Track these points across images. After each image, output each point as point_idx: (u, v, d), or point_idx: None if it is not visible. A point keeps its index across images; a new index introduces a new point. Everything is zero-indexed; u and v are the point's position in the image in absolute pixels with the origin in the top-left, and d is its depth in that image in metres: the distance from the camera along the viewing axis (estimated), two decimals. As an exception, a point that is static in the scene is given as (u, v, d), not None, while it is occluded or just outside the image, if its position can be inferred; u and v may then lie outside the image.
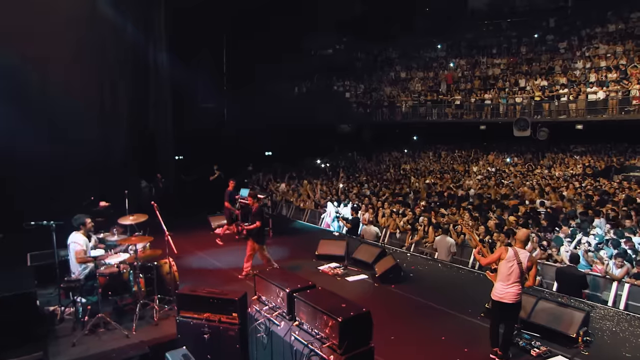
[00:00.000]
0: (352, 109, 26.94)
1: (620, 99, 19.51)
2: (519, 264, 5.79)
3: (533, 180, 18.43)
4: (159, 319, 5.91)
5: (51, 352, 5.09)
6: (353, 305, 3.56)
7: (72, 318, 5.84)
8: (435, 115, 24.89)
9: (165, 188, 14.10)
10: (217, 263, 9.93)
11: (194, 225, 12.67)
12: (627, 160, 22.47)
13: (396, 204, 13.59)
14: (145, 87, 13.77)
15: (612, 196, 14.65)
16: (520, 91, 22.97)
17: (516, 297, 5.83)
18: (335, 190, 16.69)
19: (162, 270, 6.40)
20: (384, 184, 18.43)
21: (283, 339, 3.80)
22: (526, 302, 6.66)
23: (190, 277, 7.53)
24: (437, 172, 22.70)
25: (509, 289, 5.83)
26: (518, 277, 5.80)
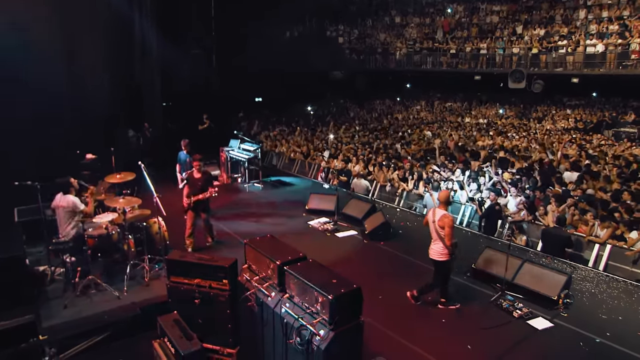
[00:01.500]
0: (345, 55, 26.20)
1: (619, 53, 19.13)
2: (433, 222, 6.14)
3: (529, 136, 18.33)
4: (150, 279, 5.97)
5: (43, 314, 5.15)
6: (344, 281, 3.58)
7: (63, 279, 5.87)
8: (430, 64, 24.31)
9: (153, 137, 13.85)
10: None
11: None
12: (620, 116, 22.50)
13: (389, 157, 13.56)
14: (130, 37, 13.16)
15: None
16: (517, 41, 22.40)
17: (438, 255, 6.18)
18: (326, 142, 16.54)
19: (151, 230, 6.38)
20: (376, 135, 18.27)
21: (273, 310, 3.85)
22: (512, 264, 6.84)
23: (180, 237, 7.53)
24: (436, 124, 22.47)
25: (431, 246, 6.29)
26: (436, 236, 6.14)
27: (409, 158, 13.62)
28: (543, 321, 6.02)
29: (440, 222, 6.05)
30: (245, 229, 9.13)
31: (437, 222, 6.08)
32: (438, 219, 6.08)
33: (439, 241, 6.13)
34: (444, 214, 6.10)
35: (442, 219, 6.05)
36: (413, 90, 28.04)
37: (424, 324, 6.08)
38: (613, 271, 8.17)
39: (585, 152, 14.72)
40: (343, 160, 13.55)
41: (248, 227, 9.23)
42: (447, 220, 6.03)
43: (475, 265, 7.31)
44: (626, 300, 6.69)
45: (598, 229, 8.65)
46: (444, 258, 6.16)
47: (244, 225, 9.35)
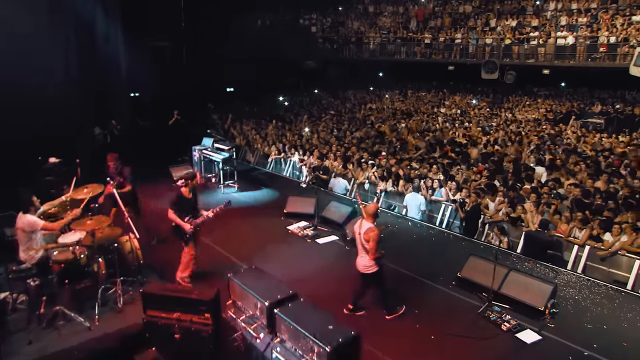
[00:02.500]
0: (318, 45, 25.68)
1: (588, 45, 19.38)
2: (359, 235, 5.90)
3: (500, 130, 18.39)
4: (123, 304, 5.55)
5: (4, 351, 4.67)
6: (340, 329, 3.31)
7: (26, 308, 5.38)
8: (404, 53, 24.12)
9: (122, 135, 13.16)
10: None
11: (154, 178, 11.97)
12: (587, 107, 22.93)
13: (365, 153, 13.30)
14: (91, 28, 12.34)
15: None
16: (490, 32, 22.42)
17: (365, 268, 5.93)
18: (300, 137, 16.12)
19: (123, 250, 5.93)
20: (351, 129, 17.98)
21: (263, 354, 3.56)
22: (497, 272, 6.74)
23: (156, 255, 7.08)
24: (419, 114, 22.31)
25: (358, 260, 6.04)
26: (362, 249, 5.91)
27: (384, 153, 13.42)
28: (531, 334, 5.95)
29: (365, 235, 5.79)
30: (221, 236, 8.74)
31: (363, 235, 5.81)
32: (364, 232, 5.81)
33: (365, 254, 5.89)
34: (370, 227, 5.82)
35: (368, 232, 5.78)
36: (386, 80, 27.81)
37: (411, 339, 5.90)
38: (591, 272, 8.28)
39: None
40: (319, 158, 13.20)
41: (224, 235, 8.83)
42: (373, 234, 5.76)
43: (461, 274, 7.18)
44: (609, 307, 6.70)
45: (576, 230, 8.70)
46: (372, 270, 5.92)
47: (219, 233, 8.94)
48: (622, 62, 18.45)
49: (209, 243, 8.52)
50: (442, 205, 10.49)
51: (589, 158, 13.03)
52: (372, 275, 5.94)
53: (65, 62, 10.59)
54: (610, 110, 21.79)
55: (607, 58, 19.04)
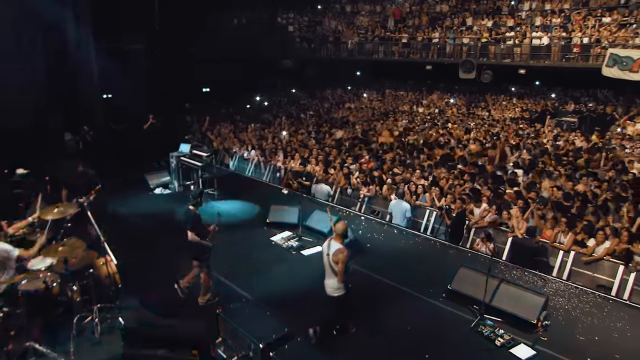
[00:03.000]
0: (295, 44, 25.32)
1: (562, 46, 19.63)
2: (327, 255, 5.52)
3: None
4: (101, 334, 5.16)
5: (-32, 395, 4.28)
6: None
7: (-8, 343, 4.94)
8: (382, 53, 23.99)
9: (95, 141, 12.59)
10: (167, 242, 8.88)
11: (129, 186, 11.50)
12: (561, 106, 23.30)
13: (348, 157, 13.07)
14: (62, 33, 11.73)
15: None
16: (467, 31, 22.50)
17: (333, 290, 5.55)
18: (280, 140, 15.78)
19: (99, 274, 5.53)
20: (330, 130, 17.72)
21: (258, 399, 3.28)
22: (489, 284, 6.61)
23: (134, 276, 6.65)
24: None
25: (326, 282, 5.64)
26: (330, 271, 5.52)
27: (366, 157, 13.22)
28: (526, 349, 5.84)
29: (334, 257, 5.41)
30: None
31: (332, 256, 5.43)
32: (332, 253, 5.44)
33: (333, 276, 5.51)
34: (339, 247, 5.45)
35: (337, 253, 5.41)
36: (364, 79, 27.66)
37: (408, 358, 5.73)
38: (576, 277, 8.30)
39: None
40: (301, 164, 12.89)
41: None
42: (342, 255, 5.39)
43: (451, 286, 7.04)
44: (598, 316, 6.66)
45: (562, 235, 8.69)
46: (339, 293, 5.55)
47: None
48: (595, 63, 18.76)
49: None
50: (427, 210, 10.37)
51: (567, 160, 13.13)
52: (340, 298, 5.58)
53: (32, 67, 9.99)
54: (583, 109, 22.20)
55: (580, 59, 19.34)
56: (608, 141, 17.15)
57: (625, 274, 7.92)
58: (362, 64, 25.17)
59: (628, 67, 17.58)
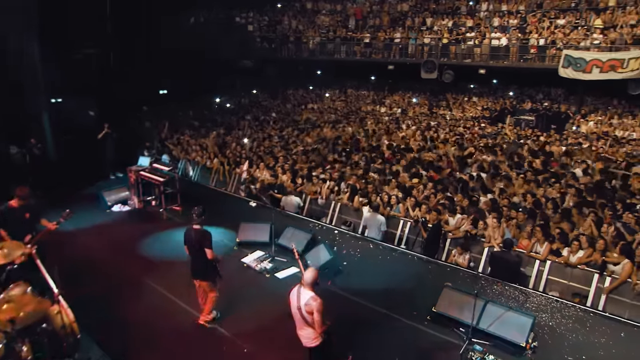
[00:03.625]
0: (255, 44, 24.58)
1: (520, 47, 19.94)
2: (299, 309, 4.83)
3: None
4: (58, 399, 4.51)
5: None
6: None
7: None
8: (344, 53, 23.67)
9: (43, 154, 11.54)
10: (133, 269, 8.16)
11: (83, 204, 10.59)
12: (518, 104, 23.77)
13: (317, 167, 12.60)
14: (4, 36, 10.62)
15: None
16: (427, 31, 22.52)
17: (310, 341, 4.95)
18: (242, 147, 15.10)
19: (54, 324, 4.82)
20: (296, 135, 17.21)
21: None
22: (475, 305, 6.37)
23: (93, 316, 5.96)
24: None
25: (300, 333, 5.00)
26: (303, 323, 4.90)
27: (337, 166, 12.79)
28: (517, 375, 5.63)
29: (307, 307, 4.76)
30: (166, 276, 7.74)
31: (305, 307, 4.78)
32: (304, 304, 4.77)
33: (307, 327, 4.88)
34: (312, 296, 4.78)
35: (310, 303, 4.74)
36: (326, 79, 27.28)
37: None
38: (552, 285, 8.27)
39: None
40: (273, 176, 12.24)
41: (168, 274, 7.82)
42: (316, 304, 4.73)
43: (436, 308, 6.74)
44: (582, 332, 6.56)
45: (538, 244, 8.62)
46: (318, 342, 4.93)
47: (163, 271, 7.93)
48: (551, 64, 19.19)
49: (153, 285, 7.53)
50: (400, 221, 10.10)
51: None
52: (320, 347, 4.95)
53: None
54: (539, 107, 22.72)
55: (537, 59, 19.72)
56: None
57: (599, 282, 7.96)
58: (324, 64, 24.75)
59: (582, 68, 18.07)
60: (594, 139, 17.56)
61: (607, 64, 17.57)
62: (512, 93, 24.93)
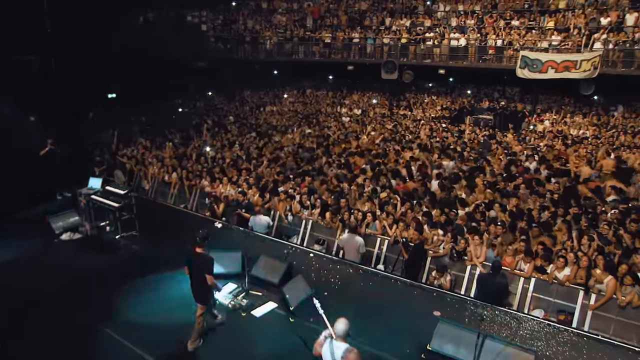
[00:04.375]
0: (209, 44, 23.31)
1: (478, 47, 19.93)
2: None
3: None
4: None
5: None
6: None
7: None
8: (302, 53, 22.88)
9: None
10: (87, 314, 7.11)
11: (25, 232, 9.32)
12: (477, 103, 23.90)
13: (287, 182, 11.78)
14: None
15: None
16: (386, 31, 22.12)
17: None
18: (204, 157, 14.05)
19: None
20: (258, 142, 16.28)
21: None
22: (470, 340, 5.89)
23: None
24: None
25: None
26: None
27: (306, 180, 12.01)
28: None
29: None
30: (124, 318, 6.80)
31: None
32: (342, 358, 4.33)
33: None
34: (347, 348, 4.38)
35: (348, 356, 4.31)
36: (285, 80, 26.40)
37: None
38: (537, 303, 8.00)
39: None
40: (241, 193, 11.31)
41: (127, 315, 6.88)
42: (354, 355, 4.32)
43: (431, 346, 6.21)
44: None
45: (522, 262, 8.31)
46: None
47: (124, 313, 6.98)
48: (509, 64, 19.28)
49: (108, 332, 6.56)
50: (377, 239, 9.55)
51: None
52: None
53: None
54: (496, 106, 22.92)
55: (495, 60, 19.77)
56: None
57: (584, 298, 7.74)
58: (282, 64, 23.84)
59: (538, 69, 18.24)
60: (551, 138, 17.86)
61: (562, 65, 17.82)
62: (470, 92, 25.06)
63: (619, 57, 17.39)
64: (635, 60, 17.03)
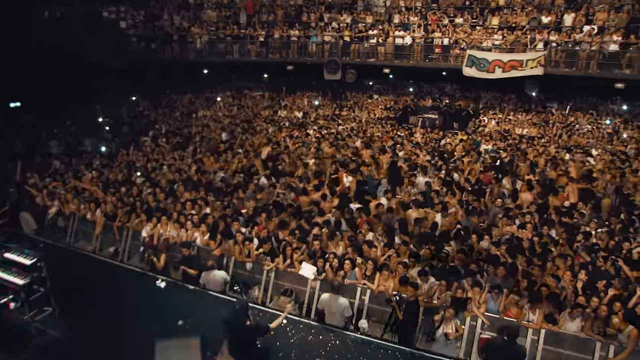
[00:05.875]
0: (131, 43, 20.21)
1: (424, 46, 18.84)
2: None
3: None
4: None
5: None
6: None
7: None
8: (237, 53, 20.51)
9: None
10: None
11: None
12: (419, 101, 22.99)
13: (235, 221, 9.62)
14: None
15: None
16: (325, 27, 20.37)
17: None
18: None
19: None
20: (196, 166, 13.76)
21: None
22: None
23: None
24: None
25: None
26: None
27: (264, 223, 9.67)
28: None
29: None
30: None
31: None
32: None
33: None
34: None
35: None
36: (218, 82, 23.84)
37: None
38: (548, 356, 6.89)
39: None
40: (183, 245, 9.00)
41: None
42: None
43: None
44: None
45: (530, 312, 7.11)
46: None
47: None
48: (455, 63, 18.40)
49: None
50: (358, 288, 7.94)
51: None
52: None
53: None
54: (440, 105, 22.14)
55: (442, 59, 18.82)
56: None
57: (602, 350, 6.72)
58: (215, 65, 21.28)
59: (485, 68, 17.54)
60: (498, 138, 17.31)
61: (509, 64, 17.21)
62: (412, 89, 24.15)
63: (561, 57, 17.06)
64: (577, 61, 16.75)
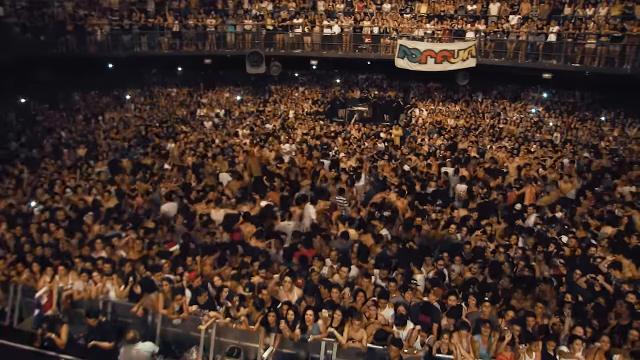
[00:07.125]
0: (12, 34, 16.55)
1: (353, 36, 17.48)
2: None
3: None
4: None
5: None
6: None
7: None
8: (146, 45, 17.67)
9: None
10: None
11: None
12: (346, 92, 21.68)
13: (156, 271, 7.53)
14: None
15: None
16: (245, 15, 18.23)
17: None
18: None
19: None
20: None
21: None
22: None
23: None
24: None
25: None
26: None
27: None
28: None
29: None
30: None
31: None
32: None
33: None
34: None
35: None
36: (125, 78, 20.66)
37: None
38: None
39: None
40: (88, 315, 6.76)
41: None
42: None
43: None
44: None
45: (526, 355, 6.04)
46: None
47: None
48: (387, 54, 17.32)
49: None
50: (322, 343, 6.39)
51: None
52: None
53: None
54: (369, 96, 20.98)
55: (371, 49, 17.62)
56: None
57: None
58: (120, 60, 18.24)
59: (417, 59, 16.72)
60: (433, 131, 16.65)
61: (440, 55, 16.50)
62: (339, 80, 22.75)
63: (490, 47, 16.63)
64: (505, 51, 16.39)
